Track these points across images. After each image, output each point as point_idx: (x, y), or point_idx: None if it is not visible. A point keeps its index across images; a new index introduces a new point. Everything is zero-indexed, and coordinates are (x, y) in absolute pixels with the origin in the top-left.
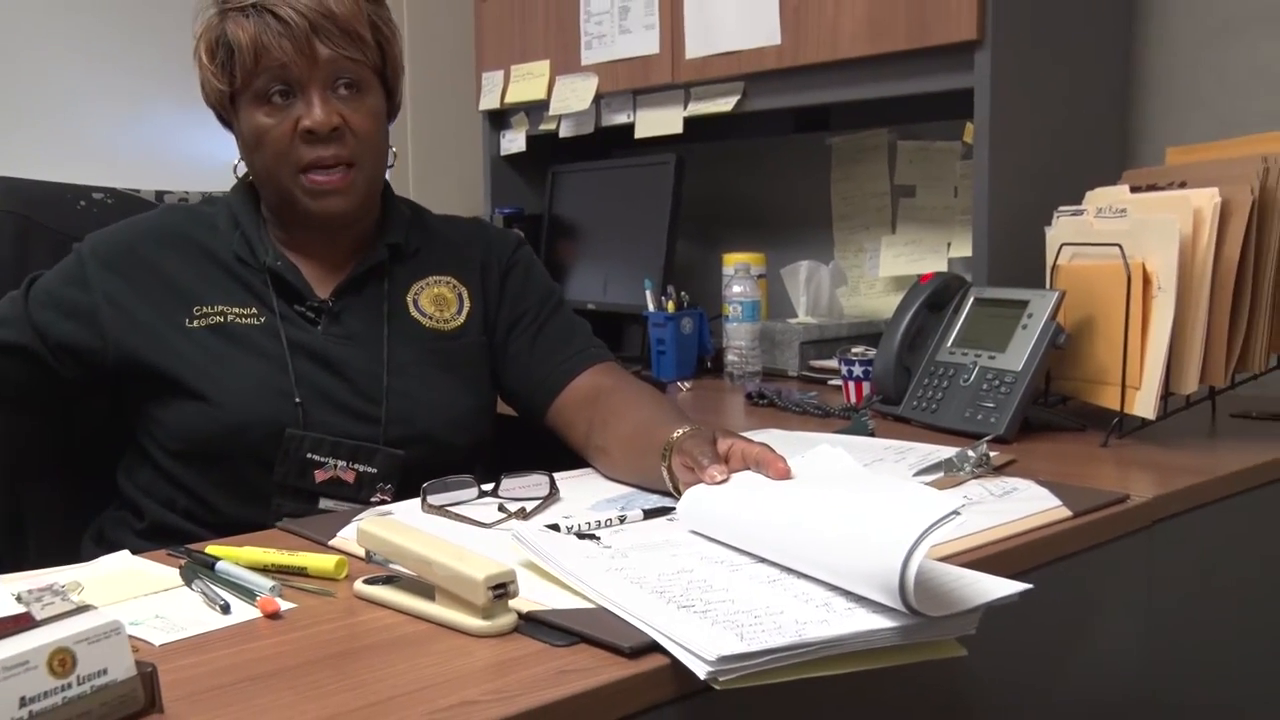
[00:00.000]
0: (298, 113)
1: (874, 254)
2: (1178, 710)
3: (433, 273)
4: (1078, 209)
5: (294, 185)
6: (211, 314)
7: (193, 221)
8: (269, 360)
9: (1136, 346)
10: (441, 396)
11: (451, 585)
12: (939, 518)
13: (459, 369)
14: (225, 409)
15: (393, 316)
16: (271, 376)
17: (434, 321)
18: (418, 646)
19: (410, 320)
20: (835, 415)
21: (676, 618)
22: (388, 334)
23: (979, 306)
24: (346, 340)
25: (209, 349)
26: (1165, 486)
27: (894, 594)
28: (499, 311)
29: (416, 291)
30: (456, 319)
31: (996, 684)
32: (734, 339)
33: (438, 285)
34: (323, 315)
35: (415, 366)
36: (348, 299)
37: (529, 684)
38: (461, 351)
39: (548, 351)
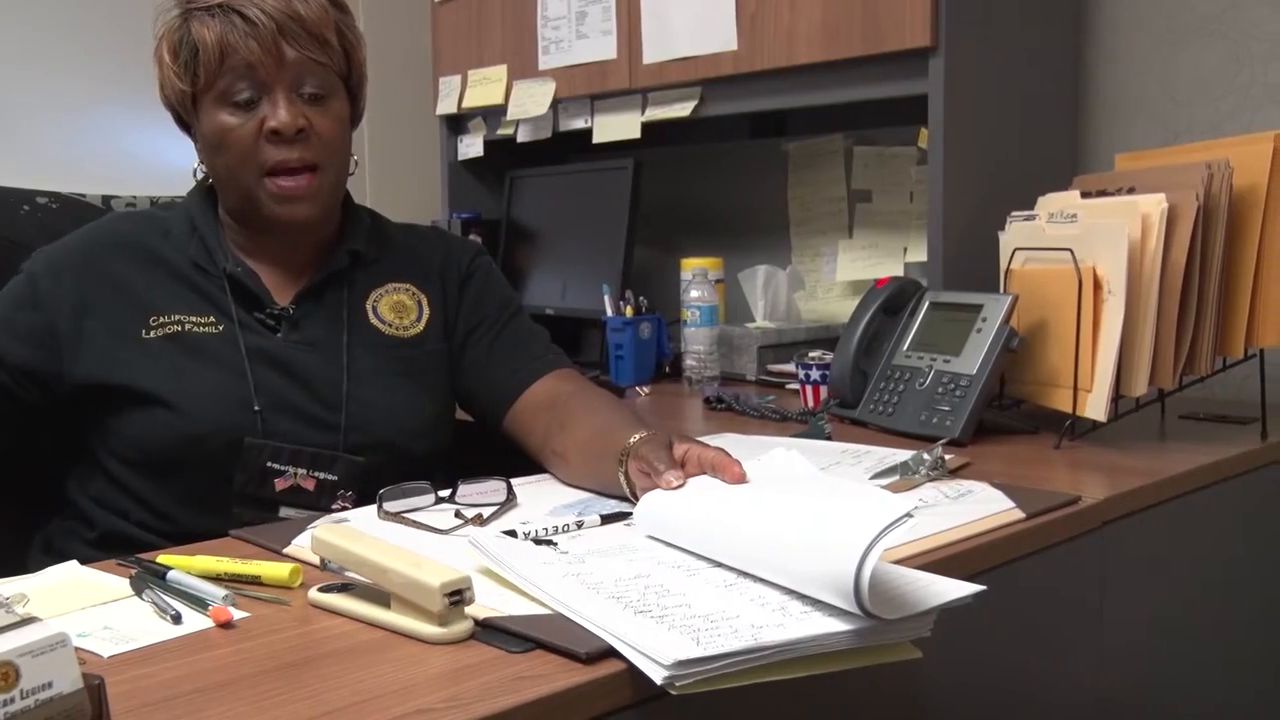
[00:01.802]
0: (262, 114)
1: (831, 258)
2: (1131, 709)
3: (392, 280)
4: (1030, 214)
5: (258, 188)
6: (169, 324)
7: (146, 228)
8: (227, 369)
9: (1088, 349)
10: (401, 403)
11: (407, 592)
12: (892, 521)
13: (418, 375)
14: (184, 419)
15: (352, 324)
16: (230, 385)
17: (393, 329)
18: (372, 655)
19: (370, 328)
20: (793, 419)
21: (633, 623)
22: (347, 341)
23: (934, 310)
24: (307, 347)
25: (167, 360)
26: (1116, 488)
27: (849, 597)
28: (457, 319)
29: (376, 299)
30: (416, 326)
31: (952, 686)
32: (692, 344)
33: (397, 293)
34: (282, 322)
35: (375, 374)
36: (308, 306)
37: (484, 691)
38: (421, 359)
39: (505, 358)
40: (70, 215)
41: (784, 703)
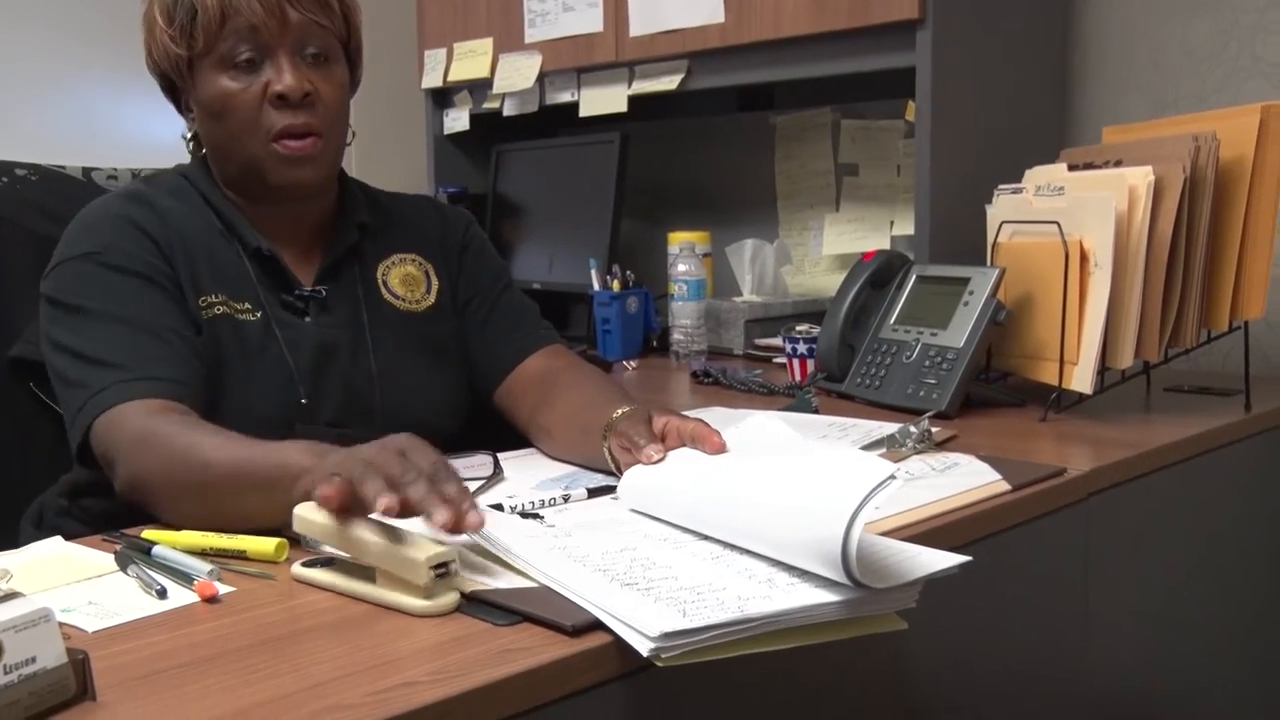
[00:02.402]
0: (266, 78)
1: (818, 232)
2: (1116, 680)
3: (396, 251)
4: (1017, 187)
5: (264, 153)
6: (216, 303)
7: (160, 205)
8: (270, 362)
9: (1074, 322)
10: (430, 383)
11: (392, 566)
12: (876, 485)
13: (440, 354)
14: (230, 415)
15: (370, 303)
16: (275, 380)
17: (407, 303)
18: (357, 629)
19: (386, 305)
20: (780, 393)
21: (619, 595)
22: (368, 321)
23: (921, 284)
24: (336, 330)
25: (216, 346)
26: (1101, 459)
27: (836, 566)
28: (456, 290)
29: (385, 272)
30: (427, 298)
31: (938, 657)
32: (679, 318)
33: (404, 264)
34: (310, 304)
35: (400, 354)
36: (329, 286)
37: (471, 664)
38: (439, 336)
39: (498, 333)
40: (50, 188)
41: (769, 675)
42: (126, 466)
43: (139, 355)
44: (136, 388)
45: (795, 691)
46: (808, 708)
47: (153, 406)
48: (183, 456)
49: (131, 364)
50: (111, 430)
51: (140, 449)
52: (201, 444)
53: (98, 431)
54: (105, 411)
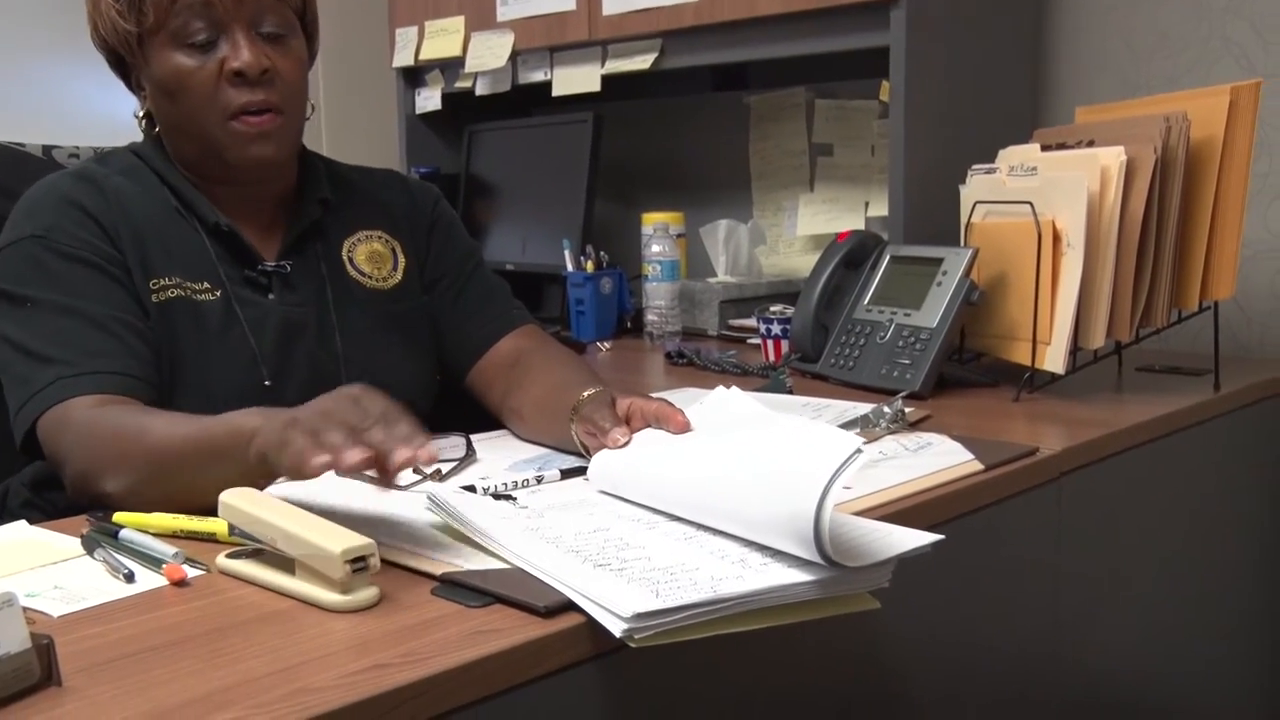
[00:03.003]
0: (222, 54)
1: (792, 213)
2: (1089, 656)
3: (362, 227)
4: (991, 167)
5: (221, 132)
6: (169, 286)
7: (108, 185)
8: (232, 343)
9: (1047, 303)
10: (398, 362)
11: (309, 559)
12: (843, 460)
13: (407, 333)
14: (191, 401)
15: (333, 278)
16: (237, 362)
17: (373, 281)
18: (331, 610)
19: (351, 282)
20: (754, 373)
21: (592, 576)
22: (333, 299)
23: (895, 264)
24: (301, 309)
25: (172, 330)
26: (1073, 439)
27: (809, 545)
28: (424, 269)
29: (350, 249)
30: (394, 276)
31: (910, 637)
32: (653, 299)
33: (370, 241)
34: (274, 281)
35: (367, 332)
36: (293, 262)
37: (442, 645)
38: (407, 316)
39: (469, 314)
40: (8, 166)
41: (743, 656)
42: (75, 464)
43: (84, 349)
44: (81, 383)
45: (769, 672)
46: (781, 688)
47: (98, 402)
48: (133, 441)
49: (76, 359)
50: (57, 428)
51: (87, 442)
52: (150, 426)
53: (43, 430)
54: (49, 409)
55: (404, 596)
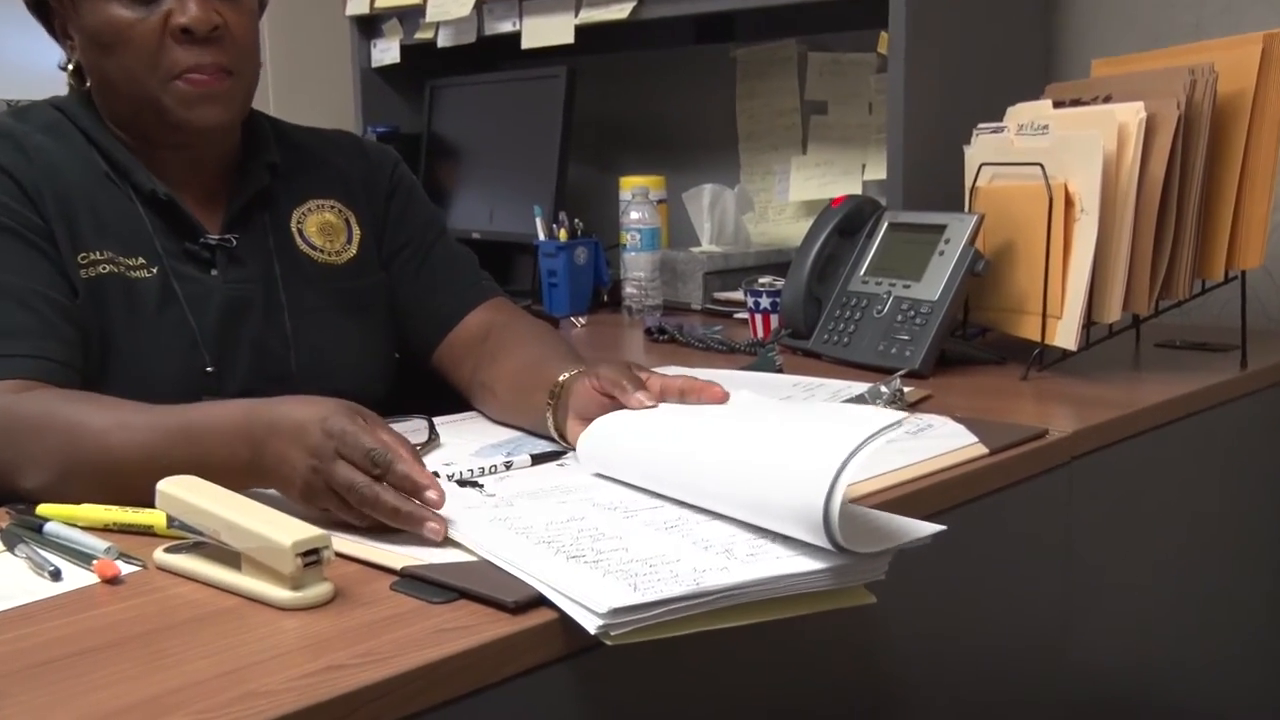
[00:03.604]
0: (167, 7)
1: (783, 176)
2: (1099, 653)
3: (313, 196)
4: (998, 126)
5: (163, 93)
6: (100, 261)
7: (30, 144)
8: (170, 326)
9: (1058, 273)
10: (352, 344)
11: (256, 553)
12: (869, 434)
13: (363, 312)
14: (126, 387)
15: (281, 252)
16: (176, 344)
17: (325, 255)
18: (279, 607)
19: (301, 256)
20: (741, 350)
21: (565, 569)
22: (281, 274)
23: (893, 232)
24: (247, 286)
25: (105, 312)
26: (1085, 420)
27: (817, 528)
28: (381, 240)
29: (300, 219)
30: (348, 249)
31: (909, 632)
32: (632, 270)
33: (321, 211)
34: (218, 255)
35: (318, 311)
36: (238, 234)
37: (403, 644)
38: (363, 293)
39: (433, 287)
40: None
41: (727, 654)
42: None
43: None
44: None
45: (759, 673)
46: (773, 690)
47: (16, 387)
48: (63, 435)
49: None
50: None
51: (3, 435)
52: (87, 422)
53: None
54: None
55: (361, 592)
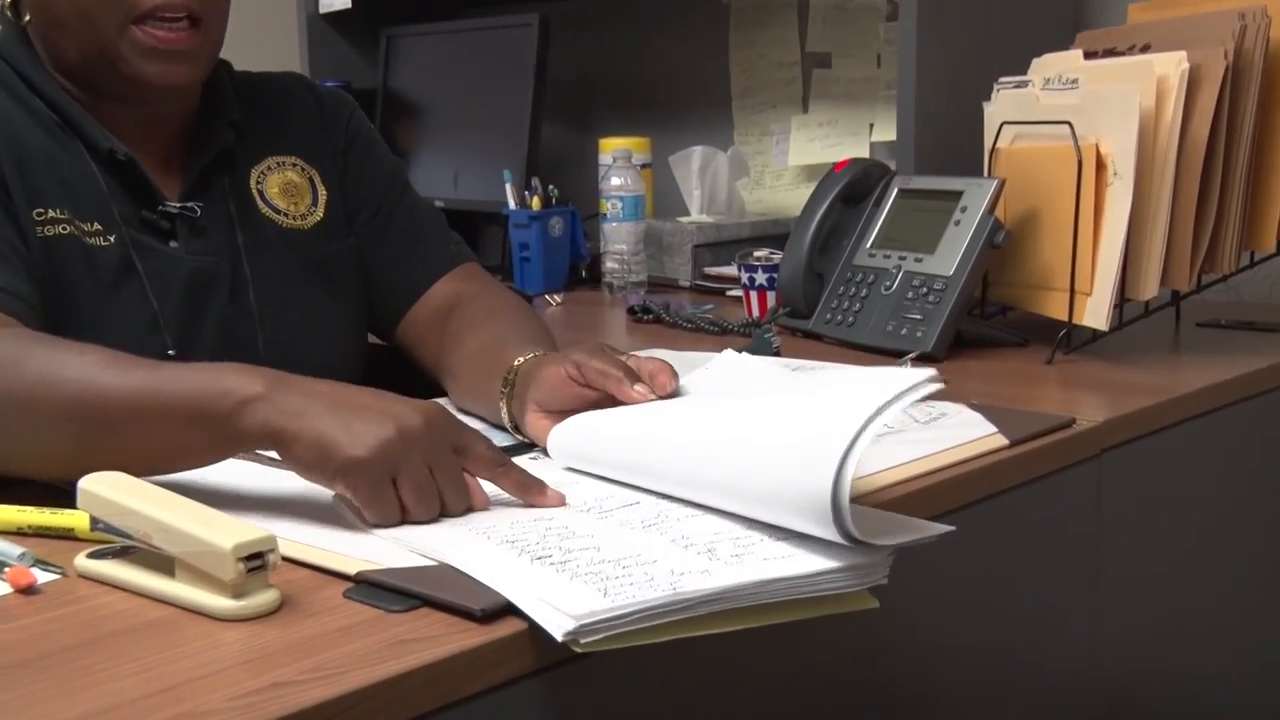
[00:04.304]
0: None
1: (781, 138)
2: (1130, 666)
3: (272, 152)
4: (1022, 80)
5: (120, 39)
6: (59, 220)
7: None
8: (129, 299)
9: (1088, 245)
10: (323, 318)
11: (192, 557)
12: (891, 396)
13: (334, 283)
14: None
15: (244, 219)
16: (135, 325)
17: (290, 219)
18: (218, 618)
19: (263, 220)
20: (734, 331)
21: (528, 572)
22: (243, 243)
23: (904, 199)
24: (210, 258)
25: (59, 273)
26: (1118, 409)
27: (824, 517)
28: (344, 201)
29: (260, 179)
30: (314, 212)
31: (924, 640)
32: (613, 242)
33: (283, 169)
34: (177, 225)
35: (286, 284)
36: (199, 201)
37: (358, 658)
38: (333, 261)
39: (397, 252)
40: None
41: (718, 666)
42: None
43: None
44: None
45: (752, 685)
46: (768, 704)
47: None
48: (40, 381)
49: None
50: None
51: None
52: (69, 363)
53: None
54: None
55: (311, 600)
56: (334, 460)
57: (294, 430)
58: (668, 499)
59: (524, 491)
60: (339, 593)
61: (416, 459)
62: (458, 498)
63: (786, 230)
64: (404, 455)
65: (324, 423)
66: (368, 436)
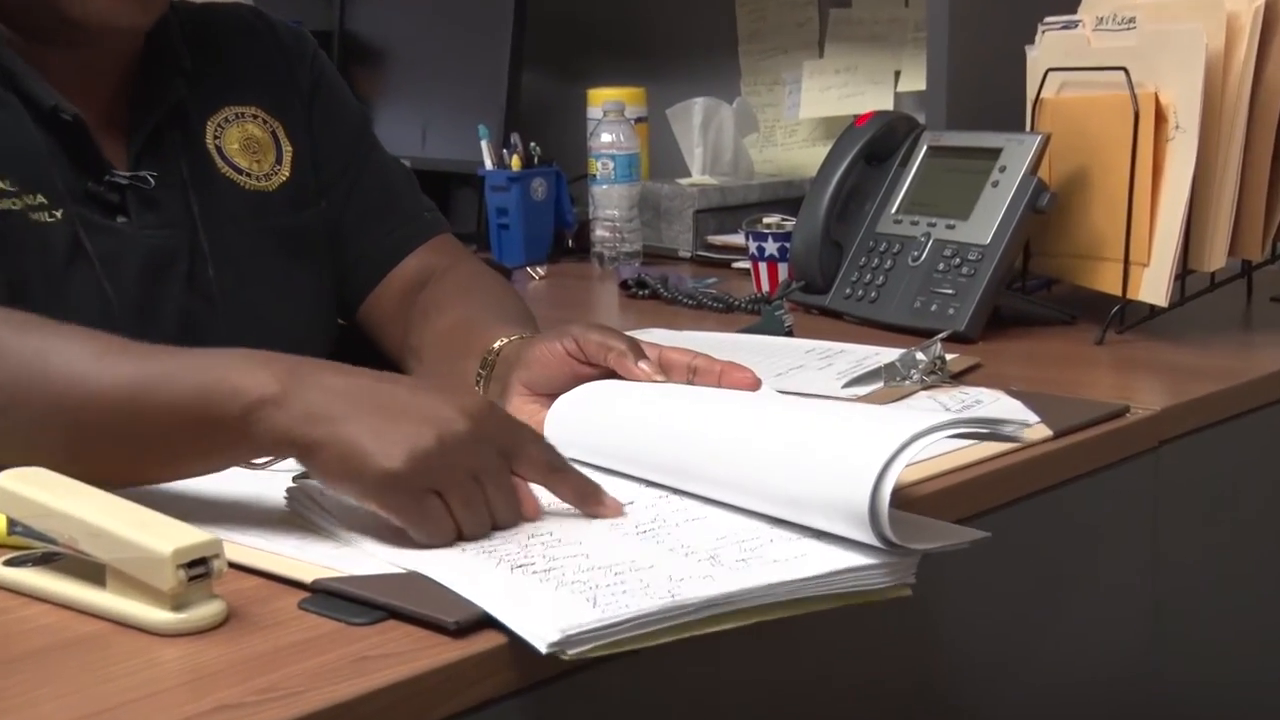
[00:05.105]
0: None
1: (794, 88)
2: (1191, 682)
3: (230, 102)
4: (1070, 20)
5: None
6: (6, 193)
7: None
8: (79, 286)
9: (1145, 209)
10: (293, 297)
11: (126, 564)
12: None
13: (305, 255)
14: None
15: (199, 181)
16: (85, 314)
17: (253, 179)
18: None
19: (223, 182)
20: (741, 308)
21: (507, 581)
22: (199, 211)
23: (935, 158)
24: (169, 232)
25: (9, 255)
26: (1178, 395)
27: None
28: (314, 157)
29: (218, 133)
30: (279, 171)
31: (953, 654)
32: (603, 207)
33: (242, 121)
34: (127, 198)
35: (253, 259)
36: (150, 167)
37: (316, 677)
38: (304, 229)
39: (365, 220)
40: None
41: (728, 680)
42: None
43: None
44: None
45: (765, 705)
46: None
47: None
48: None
49: None
50: None
51: None
52: (56, 350)
53: None
54: None
55: (261, 612)
56: (365, 475)
57: (316, 438)
58: (666, 501)
59: (581, 499)
60: (293, 603)
61: (461, 470)
62: (508, 509)
63: (800, 193)
64: (446, 466)
65: (351, 429)
66: (403, 445)
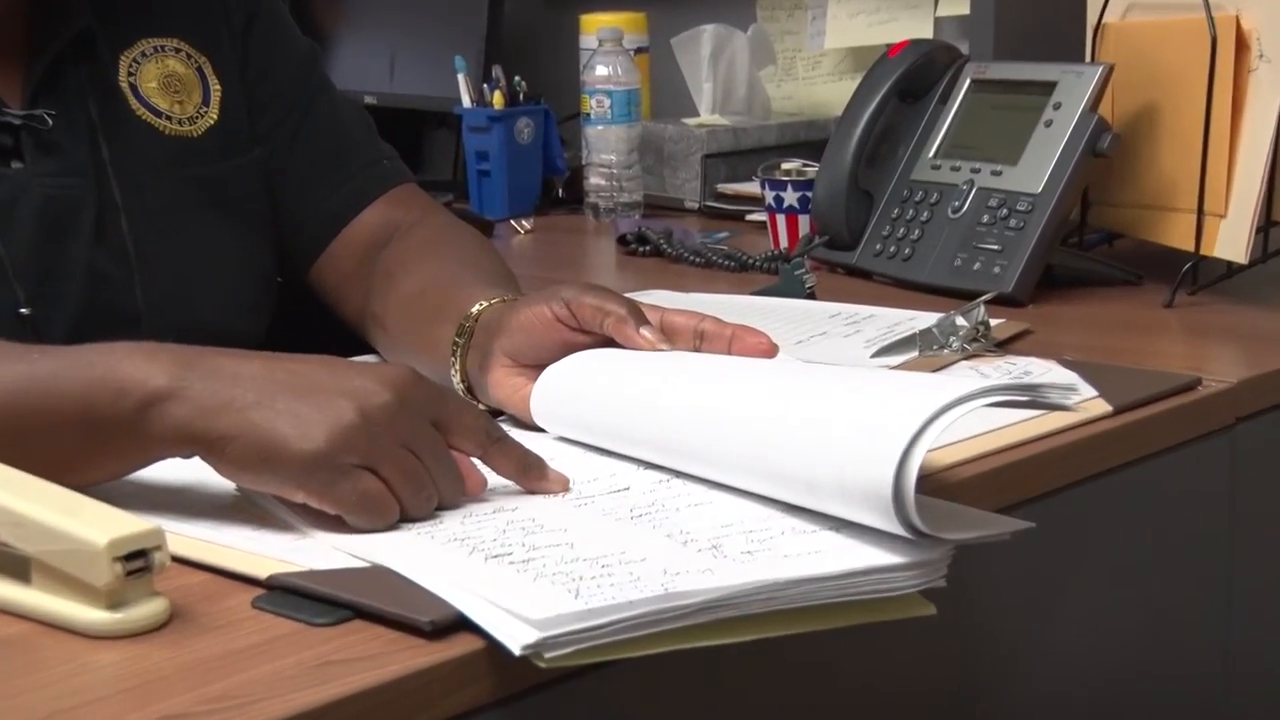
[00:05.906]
0: None
1: (818, 13)
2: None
3: (147, 34)
4: None
5: None
6: None
7: None
8: None
9: (1222, 152)
10: (221, 260)
11: (55, 557)
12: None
13: (235, 208)
14: None
15: (110, 124)
16: None
17: (174, 123)
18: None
19: (139, 125)
20: (756, 267)
21: (479, 573)
22: (110, 157)
23: (979, 94)
24: (67, 182)
25: None
26: (1257, 366)
27: (883, 502)
28: (250, 99)
29: (133, 71)
30: (205, 114)
31: (1005, 659)
32: (599, 151)
33: (162, 57)
34: (22, 141)
35: (174, 213)
36: (49, 106)
37: (272, 684)
38: (234, 180)
39: (313, 170)
40: None
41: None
42: None
43: None
44: None
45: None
46: None
47: None
48: None
49: None
50: None
51: None
52: None
53: None
54: None
55: (210, 611)
56: (284, 462)
57: (221, 430)
58: (666, 486)
59: (523, 473)
60: (246, 601)
61: (389, 439)
62: (450, 484)
63: (824, 135)
64: (372, 437)
65: (261, 414)
66: (321, 424)
